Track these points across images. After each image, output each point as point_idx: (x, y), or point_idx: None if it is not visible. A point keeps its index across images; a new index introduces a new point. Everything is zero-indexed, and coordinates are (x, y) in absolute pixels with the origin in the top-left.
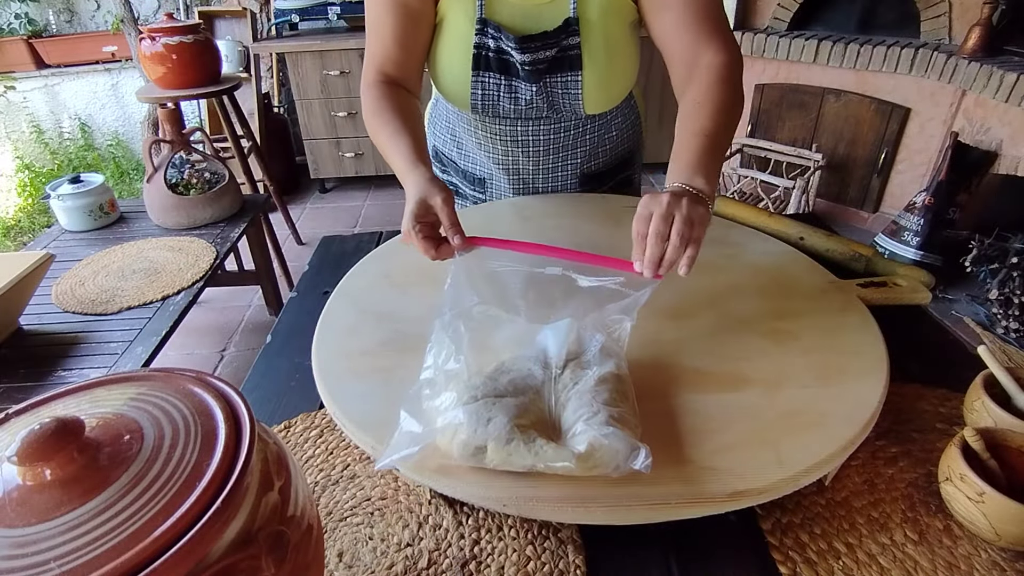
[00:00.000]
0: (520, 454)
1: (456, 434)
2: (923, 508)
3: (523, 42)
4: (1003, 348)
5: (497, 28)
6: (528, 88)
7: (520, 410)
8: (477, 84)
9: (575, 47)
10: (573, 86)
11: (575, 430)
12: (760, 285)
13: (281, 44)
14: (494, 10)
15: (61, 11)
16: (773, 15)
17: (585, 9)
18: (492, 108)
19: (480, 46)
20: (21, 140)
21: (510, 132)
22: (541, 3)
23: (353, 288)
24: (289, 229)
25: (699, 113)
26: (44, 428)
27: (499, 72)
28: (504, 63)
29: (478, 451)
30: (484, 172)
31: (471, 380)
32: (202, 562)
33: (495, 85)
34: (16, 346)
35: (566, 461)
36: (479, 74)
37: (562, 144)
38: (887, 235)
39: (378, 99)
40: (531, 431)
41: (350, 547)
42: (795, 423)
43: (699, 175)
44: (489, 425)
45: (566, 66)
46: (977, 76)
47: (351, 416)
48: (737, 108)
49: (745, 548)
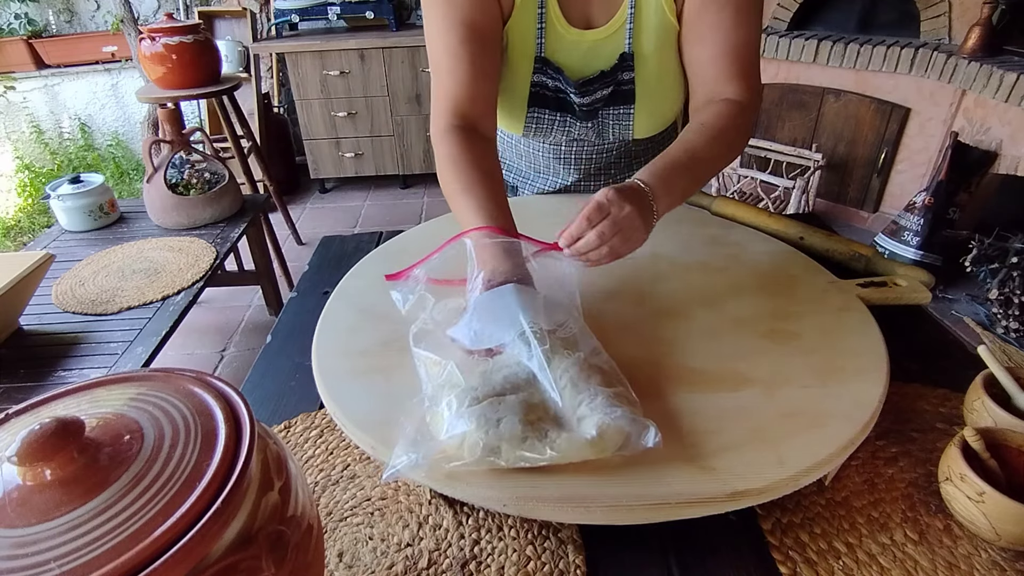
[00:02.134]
0: (536, 450)
1: (466, 439)
2: (923, 508)
3: (582, 86)
4: (1003, 348)
5: (557, 69)
6: (582, 124)
7: (525, 406)
8: (532, 119)
9: (629, 82)
10: (625, 118)
11: (579, 414)
12: (760, 285)
13: (281, 44)
14: (553, 48)
15: (61, 11)
16: (773, 15)
17: (639, 43)
18: (543, 137)
19: (538, 84)
20: (21, 140)
21: (553, 150)
22: (598, 39)
23: (353, 288)
24: (289, 229)
25: (697, 134)
26: (44, 428)
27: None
28: (561, 102)
29: (492, 453)
30: (518, 179)
31: (468, 382)
32: (202, 562)
33: (550, 121)
34: (16, 346)
35: (581, 450)
36: (535, 110)
37: (605, 162)
38: (887, 235)
39: (455, 144)
40: (540, 425)
41: (350, 547)
42: (795, 423)
43: (663, 185)
44: (500, 426)
45: (619, 100)
46: (977, 76)
47: (351, 416)
48: (736, 146)
49: (745, 548)
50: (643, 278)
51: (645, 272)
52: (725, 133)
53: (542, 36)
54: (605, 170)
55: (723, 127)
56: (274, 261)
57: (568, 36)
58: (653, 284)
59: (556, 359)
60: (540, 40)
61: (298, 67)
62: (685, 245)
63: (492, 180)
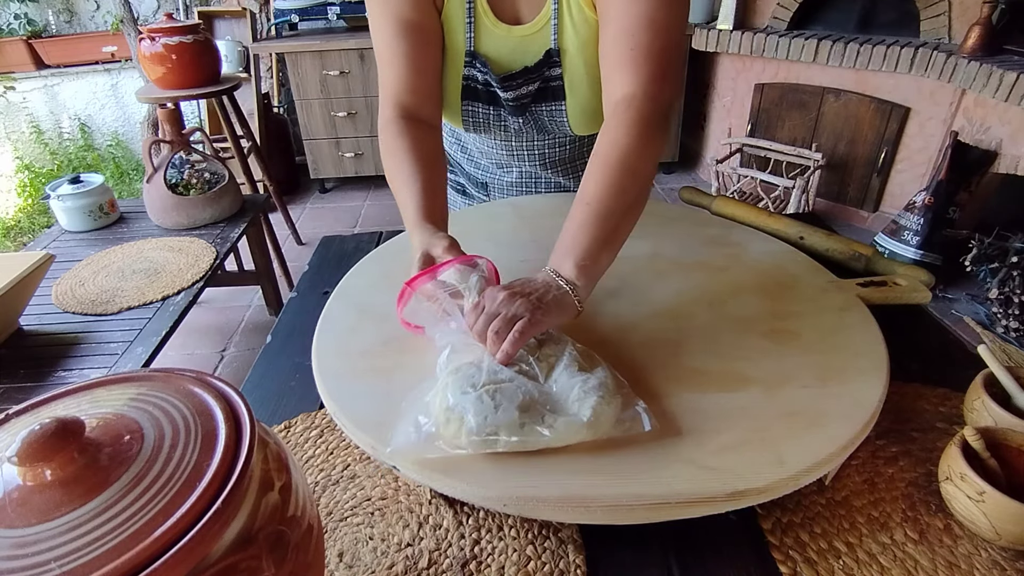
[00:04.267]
0: (535, 435)
1: (464, 423)
2: (923, 507)
3: (505, 80)
4: (1003, 347)
5: (484, 63)
6: (515, 120)
7: (522, 392)
8: (467, 112)
9: (557, 78)
10: (558, 114)
11: (573, 396)
12: (760, 285)
13: (281, 44)
14: (482, 42)
15: (61, 11)
16: (773, 15)
17: (564, 39)
18: (484, 131)
19: (469, 77)
20: (21, 140)
21: (506, 147)
22: (525, 35)
23: (353, 288)
24: (289, 229)
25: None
26: (44, 428)
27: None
28: (492, 95)
29: (489, 437)
30: (487, 176)
31: (465, 370)
32: (202, 562)
33: (484, 115)
34: (16, 346)
35: (578, 432)
36: (468, 103)
37: (559, 157)
38: (887, 234)
39: (394, 138)
40: (537, 409)
41: (350, 547)
42: (795, 423)
43: (569, 258)
44: (499, 412)
45: (549, 96)
46: (977, 75)
47: (351, 416)
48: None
49: (745, 548)
50: (643, 278)
51: (645, 272)
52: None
53: (471, 30)
54: (561, 163)
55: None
56: (274, 261)
57: (496, 31)
58: (653, 284)
59: (547, 347)
60: (469, 34)
61: (298, 67)
62: (685, 245)
63: (428, 169)
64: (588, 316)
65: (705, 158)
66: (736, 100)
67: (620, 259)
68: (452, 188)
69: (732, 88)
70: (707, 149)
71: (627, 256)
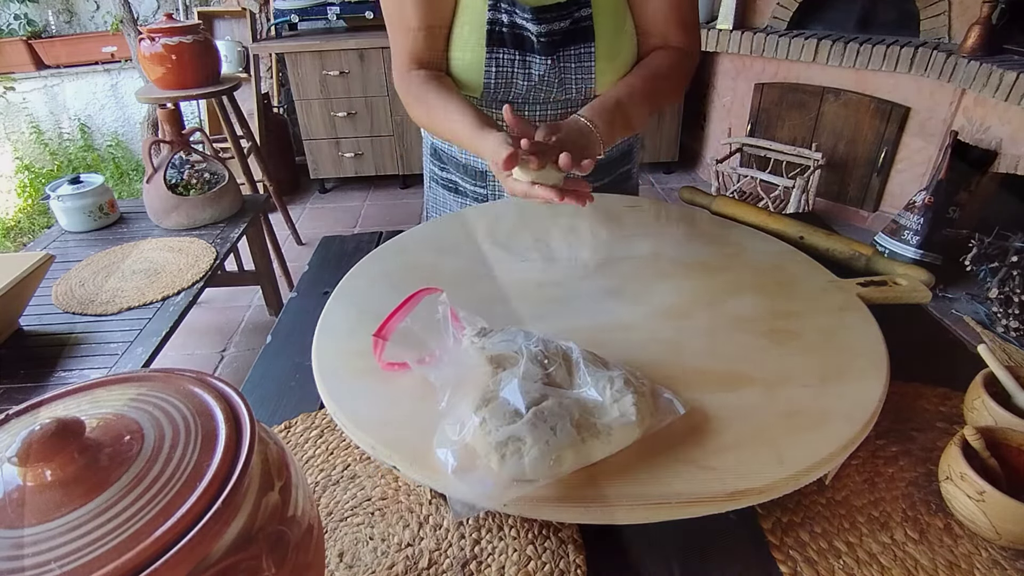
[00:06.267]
0: (597, 447)
1: (526, 452)
2: (923, 507)
3: (538, 13)
4: (1003, 347)
5: (511, 2)
6: (543, 62)
7: (569, 410)
8: (491, 61)
9: (587, 18)
10: (587, 58)
11: (607, 400)
12: (760, 285)
13: (281, 44)
14: None
15: (61, 12)
16: (772, 14)
17: None
18: (504, 87)
19: (494, 21)
20: (21, 141)
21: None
22: None
23: (353, 288)
24: (289, 229)
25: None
26: (44, 429)
27: (513, 47)
28: (518, 37)
29: (555, 462)
30: (485, 164)
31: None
32: (202, 563)
33: (509, 61)
34: (16, 346)
35: (631, 433)
36: (493, 50)
37: None
38: (887, 234)
39: (418, 85)
40: (589, 422)
41: (351, 547)
42: (795, 422)
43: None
44: (558, 434)
45: (579, 38)
46: (977, 75)
47: (351, 416)
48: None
49: (745, 547)
50: (643, 278)
51: (645, 272)
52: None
53: None
54: None
55: (670, 65)
56: (274, 261)
57: None
58: (653, 284)
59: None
60: None
61: (298, 67)
62: (685, 245)
63: (462, 97)
64: (588, 316)
65: (705, 158)
66: (736, 100)
67: (620, 259)
68: (443, 186)
69: (732, 88)
70: (707, 149)
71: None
